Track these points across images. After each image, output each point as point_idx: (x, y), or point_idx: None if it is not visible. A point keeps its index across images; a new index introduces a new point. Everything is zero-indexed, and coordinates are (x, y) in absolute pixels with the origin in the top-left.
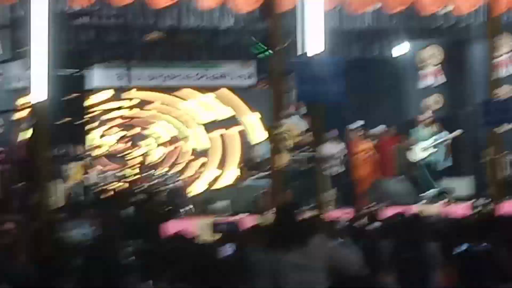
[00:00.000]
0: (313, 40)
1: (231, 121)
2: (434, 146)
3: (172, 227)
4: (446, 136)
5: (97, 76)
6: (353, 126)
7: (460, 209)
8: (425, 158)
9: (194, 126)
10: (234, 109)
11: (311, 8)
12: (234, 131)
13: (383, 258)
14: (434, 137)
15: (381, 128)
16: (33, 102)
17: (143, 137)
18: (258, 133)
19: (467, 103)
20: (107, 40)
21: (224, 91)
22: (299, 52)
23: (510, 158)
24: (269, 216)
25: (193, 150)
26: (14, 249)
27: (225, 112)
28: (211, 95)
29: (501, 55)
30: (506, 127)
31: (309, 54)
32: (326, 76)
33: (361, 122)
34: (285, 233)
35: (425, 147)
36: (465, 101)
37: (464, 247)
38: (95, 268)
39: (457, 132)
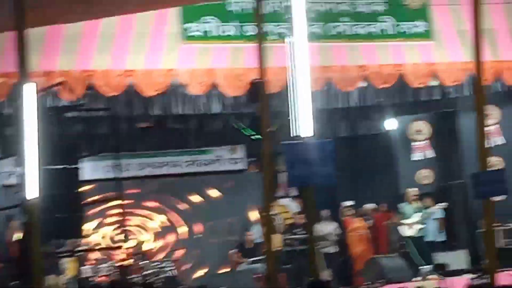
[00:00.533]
0: (301, 121)
1: (224, 205)
2: (422, 222)
3: None
4: (432, 210)
5: (88, 168)
6: (345, 204)
7: (456, 283)
8: (413, 234)
9: (189, 215)
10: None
11: (299, 90)
12: (228, 216)
13: None
14: (420, 213)
15: (371, 205)
16: (24, 198)
17: (138, 227)
18: (251, 216)
19: (458, 176)
20: (97, 131)
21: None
22: (289, 134)
23: (503, 229)
24: None
25: (189, 237)
26: None
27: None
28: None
29: (488, 126)
30: (496, 198)
31: (298, 136)
32: (315, 159)
33: (351, 201)
34: None
35: (410, 223)
36: (455, 173)
37: None
38: None
39: (442, 205)
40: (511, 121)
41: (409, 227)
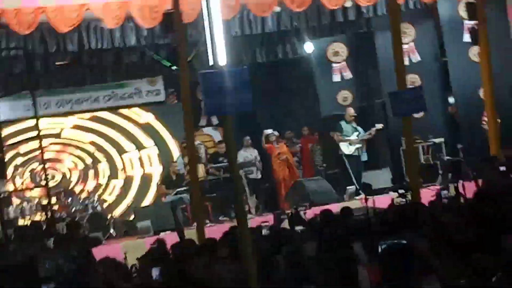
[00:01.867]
0: (216, 50)
1: (145, 139)
2: (359, 141)
3: (98, 252)
4: (368, 130)
5: (3, 108)
6: (266, 131)
7: (381, 202)
8: (352, 152)
9: (109, 150)
10: (147, 127)
11: (212, 18)
12: (149, 149)
13: (310, 261)
14: (358, 132)
15: (290, 132)
16: None
17: (59, 165)
18: (173, 148)
19: (377, 95)
20: (11, 71)
21: (135, 111)
22: (207, 64)
23: (423, 145)
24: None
25: (110, 173)
26: None
27: (138, 132)
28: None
29: (404, 45)
30: (415, 115)
31: (213, 65)
32: (232, 87)
33: (271, 128)
34: None
35: (351, 141)
36: (374, 93)
37: (387, 243)
38: None
39: (380, 125)
40: (426, 38)
41: (349, 146)
